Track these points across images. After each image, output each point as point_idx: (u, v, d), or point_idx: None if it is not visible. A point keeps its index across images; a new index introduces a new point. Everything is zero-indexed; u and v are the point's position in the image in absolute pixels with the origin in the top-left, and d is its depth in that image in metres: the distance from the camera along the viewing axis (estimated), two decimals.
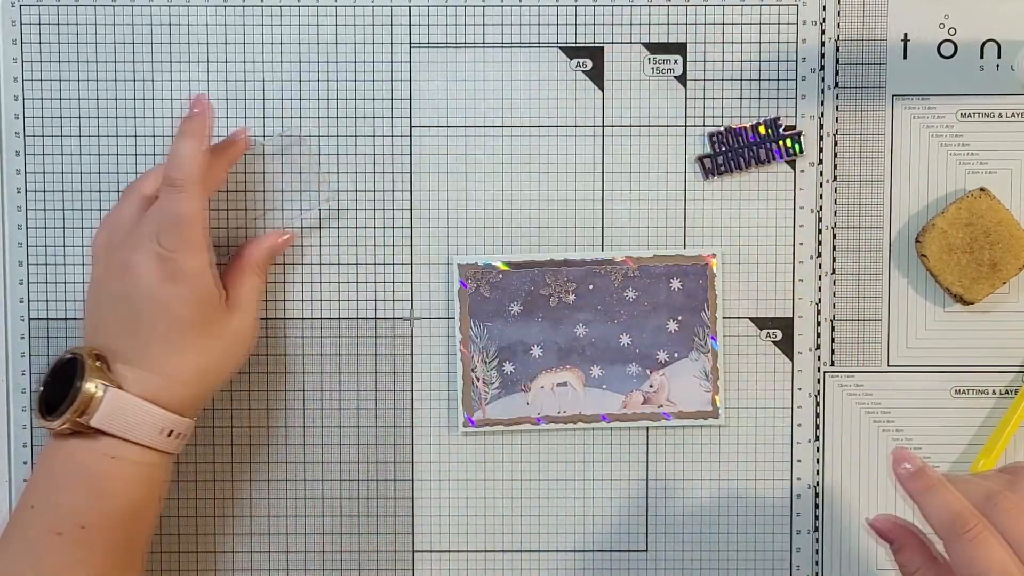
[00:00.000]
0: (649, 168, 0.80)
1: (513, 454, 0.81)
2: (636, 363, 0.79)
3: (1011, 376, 0.80)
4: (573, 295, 0.78)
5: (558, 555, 0.81)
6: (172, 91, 0.79)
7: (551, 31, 0.79)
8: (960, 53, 0.79)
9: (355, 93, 0.79)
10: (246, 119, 0.79)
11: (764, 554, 0.81)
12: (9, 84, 0.79)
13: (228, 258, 0.77)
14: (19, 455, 0.80)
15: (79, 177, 0.80)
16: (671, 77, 0.80)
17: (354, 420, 0.80)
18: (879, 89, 0.79)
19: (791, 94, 0.79)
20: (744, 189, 0.80)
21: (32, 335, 0.80)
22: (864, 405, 0.80)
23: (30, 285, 0.80)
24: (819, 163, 0.80)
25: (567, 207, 0.80)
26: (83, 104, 0.79)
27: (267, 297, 0.80)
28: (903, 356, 0.80)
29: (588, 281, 0.78)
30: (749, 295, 0.80)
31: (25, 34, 0.79)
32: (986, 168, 0.79)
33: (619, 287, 0.78)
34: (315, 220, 0.80)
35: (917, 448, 0.80)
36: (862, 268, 0.80)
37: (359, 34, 0.79)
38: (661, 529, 0.81)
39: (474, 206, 0.80)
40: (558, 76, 0.80)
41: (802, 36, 0.79)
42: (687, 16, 0.79)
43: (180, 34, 0.79)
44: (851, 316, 0.80)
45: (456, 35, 0.79)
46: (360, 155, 0.80)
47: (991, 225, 0.78)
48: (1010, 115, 0.79)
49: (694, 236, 0.80)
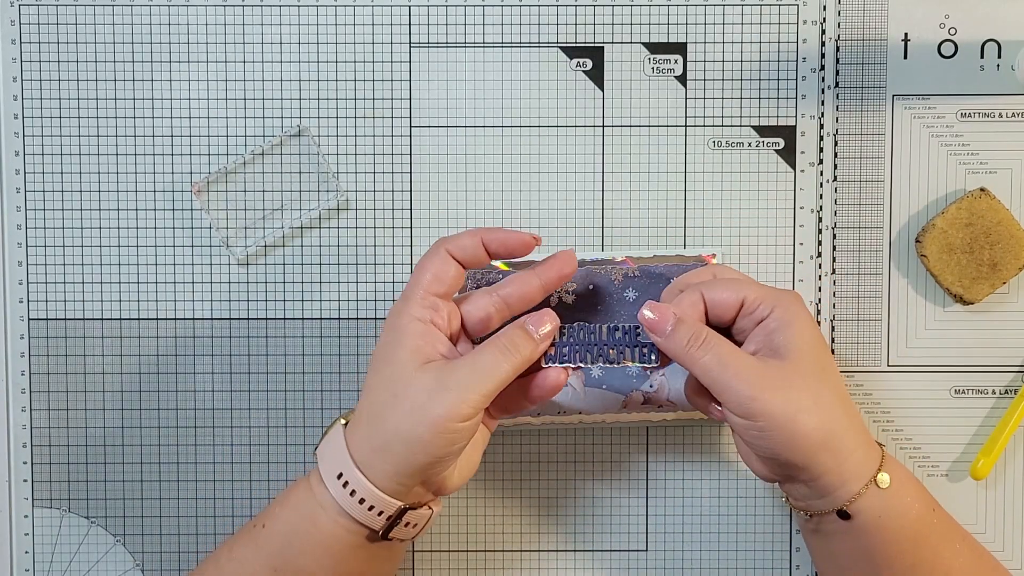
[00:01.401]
0: (649, 168, 0.80)
1: (513, 454, 0.81)
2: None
3: (1011, 376, 0.80)
4: (573, 295, 0.78)
5: (558, 555, 0.81)
6: (172, 91, 0.79)
7: (551, 31, 0.79)
8: (960, 53, 0.79)
9: (355, 93, 0.79)
10: (246, 119, 0.79)
11: (764, 554, 0.81)
12: (9, 84, 0.79)
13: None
14: (19, 455, 0.80)
15: (79, 177, 0.80)
16: (671, 77, 0.80)
17: None
18: (879, 89, 0.79)
19: (791, 94, 0.79)
20: (744, 189, 0.80)
21: (32, 335, 0.80)
22: (864, 405, 0.80)
23: (30, 285, 0.80)
24: (819, 163, 0.80)
25: (567, 207, 0.80)
26: (83, 104, 0.79)
27: (267, 297, 0.80)
28: (903, 356, 0.80)
29: (588, 281, 0.78)
30: None
31: (25, 34, 0.79)
32: (986, 168, 0.80)
33: (619, 287, 0.78)
34: (315, 220, 0.80)
35: (917, 448, 0.80)
36: (862, 268, 0.80)
37: (359, 34, 0.79)
38: (661, 529, 0.81)
39: (474, 206, 0.80)
40: (558, 76, 0.80)
41: (802, 36, 0.79)
42: (687, 16, 0.79)
43: (180, 34, 0.79)
44: (851, 316, 0.80)
45: (456, 35, 0.79)
46: (360, 155, 0.80)
47: (991, 225, 0.78)
48: (1010, 115, 0.79)
49: (694, 236, 0.80)
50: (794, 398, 0.65)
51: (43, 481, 0.80)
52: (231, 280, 0.80)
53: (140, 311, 0.80)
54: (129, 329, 0.80)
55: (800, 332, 0.67)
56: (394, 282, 0.80)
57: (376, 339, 0.80)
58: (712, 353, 0.66)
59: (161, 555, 0.81)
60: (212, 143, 0.79)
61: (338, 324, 0.80)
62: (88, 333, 0.80)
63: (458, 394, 0.64)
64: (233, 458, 0.81)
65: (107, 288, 0.80)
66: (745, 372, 0.65)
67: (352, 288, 0.80)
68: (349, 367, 0.80)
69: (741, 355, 0.66)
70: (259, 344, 0.80)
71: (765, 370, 0.66)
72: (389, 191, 0.80)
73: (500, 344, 0.66)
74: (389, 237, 0.80)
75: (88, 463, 0.80)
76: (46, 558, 0.81)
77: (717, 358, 0.66)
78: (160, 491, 0.81)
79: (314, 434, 0.80)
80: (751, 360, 0.66)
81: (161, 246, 0.80)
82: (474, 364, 0.66)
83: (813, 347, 0.67)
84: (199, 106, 0.79)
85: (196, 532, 0.81)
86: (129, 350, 0.80)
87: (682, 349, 0.66)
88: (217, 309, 0.80)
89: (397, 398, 0.65)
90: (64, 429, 0.80)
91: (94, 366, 0.80)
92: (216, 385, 0.80)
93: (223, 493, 0.81)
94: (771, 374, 0.65)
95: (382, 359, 0.67)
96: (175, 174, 0.80)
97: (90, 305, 0.80)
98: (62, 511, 0.81)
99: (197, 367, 0.80)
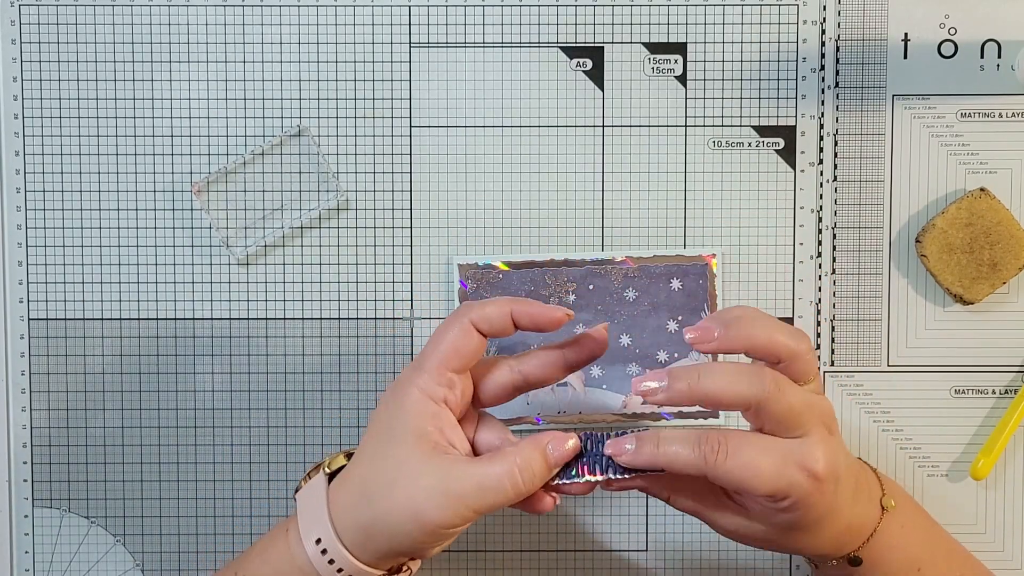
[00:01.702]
0: (649, 168, 0.80)
1: None
2: (636, 363, 0.79)
3: (1011, 376, 0.80)
4: (573, 295, 0.78)
5: (558, 555, 0.81)
6: (172, 91, 0.79)
7: (551, 31, 0.79)
8: (960, 53, 0.79)
9: (355, 93, 0.79)
10: (246, 119, 0.79)
11: (764, 554, 0.81)
12: (9, 84, 0.79)
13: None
14: (19, 455, 0.80)
15: (79, 177, 0.80)
16: (671, 77, 0.80)
17: (354, 420, 0.80)
18: (879, 89, 0.79)
19: (791, 94, 0.79)
20: (744, 189, 0.80)
21: (32, 335, 0.80)
22: (864, 405, 0.80)
23: (30, 285, 0.80)
24: (819, 163, 0.80)
25: (567, 207, 0.80)
26: (83, 104, 0.79)
27: (267, 297, 0.80)
28: (903, 356, 0.80)
29: (588, 281, 0.78)
30: (749, 295, 0.80)
31: (25, 34, 0.79)
32: (986, 168, 0.80)
33: (619, 287, 0.78)
34: (315, 220, 0.80)
35: (917, 448, 0.80)
36: (862, 268, 0.80)
37: (359, 34, 0.79)
38: (661, 529, 0.81)
39: (474, 206, 0.80)
40: (558, 76, 0.80)
41: (802, 36, 0.79)
42: (687, 16, 0.79)
43: (180, 34, 0.79)
44: (851, 316, 0.80)
45: (456, 35, 0.79)
46: (360, 155, 0.80)
47: (991, 225, 0.78)
48: (1010, 115, 0.79)
49: (694, 236, 0.80)
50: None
51: (43, 481, 0.80)
52: (231, 280, 0.80)
53: (140, 311, 0.80)
54: (129, 329, 0.80)
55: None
56: (394, 282, 0.80)
57: (375, 339, 0.80)
58: (732, 460, 0.61)
59: (161, 555, 0.81)
60: (212, 143, 0.79)
61: (338, 324, 0.80)
62: (88, 333, 0.80)
63: (456, 509, 0.62)
64: (233, 458, 0.81)
65: (107, 288, 0.80)
66: (767, 467, 0.61)
67: (352, 288, 0.80)
68: (349, 367, 0.80)
69: (757, 450, 0.62)
70: (259, 344, 0.80)
71: (781, 448, 0.62)
72: (389, 191, 0.80)
73: (513, 466, 0.62)
74: (389, 237, 0.80)
75: (88, 463, 0.80)
76: (46, 558, 0.81)
77: (739, 463, 0.61)
78: (160, 491, 0.81)
79: (314, 434, 0.80)
80: (766, 448, 0.62)
81: (161, 246, 0.80)
82: (481, 480, 0.62)
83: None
84: (199, 106, 0.79)
85: (196, 532, 0.81)
86: (129, 350, 0.80)
87: (703, 464, 0.62)
88: (217, 309, 0.80)
89: (394, 487, 0.62)
90: (64, 429, 0.80)
91: (94, 366, 0.80)
92: (216, 385, 0.80)
93: (223, 493, 0.81)
94: (783, 448, 0.62)
95: (385, 432, 0.64)
96: (175, 174, 0.80)
97: (90, 305, 0.80)
98: (62, 511, 0.81)
99: (197, 367, 0.80)
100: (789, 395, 0.61)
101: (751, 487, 0.61)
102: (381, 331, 0.80)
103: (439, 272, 0.80)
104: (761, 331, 0.62)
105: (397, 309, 0.80)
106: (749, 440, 0.62)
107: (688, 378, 0.61)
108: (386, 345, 0.80)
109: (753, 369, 0.61)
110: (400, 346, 0.80)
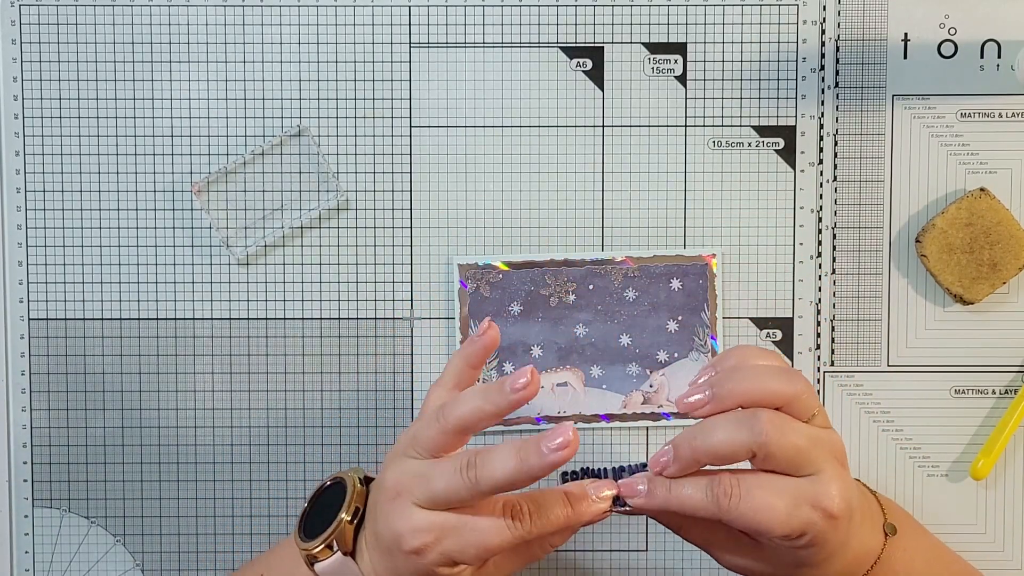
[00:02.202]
0: (649, 168, 0.80)
1: None
2: (636, 363, 0.79)
3: (1011, 376, 0.80)
4: (573, 295, 0.78)
5: (558, 555, 0.81)
6: (172, 91, 0.79)
7: (551, 31, 0.79)
8: (960, 53, 0.79)
9: (355, 93, 0.79)
10: (246, 119, 0.79)
11: None
12: (9, 84, 0.79)
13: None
14: (19, 455, 0.80)
15: (79, 177, 0.80)
16: (671, 77, 0.80)
17: (354, 420, 0.80)
18: (879, 89, 0.79)
19: (791, 94, 0.79)
20: (744, 189, 0.80)
21: (32, 335, 0.80)
22: (864, 405, 0.80)
23: (30, 285, 0.80)
24: (819, 163, 0.80)
25: (567, 207, 0.80)
26: (83, 104, 0.79)
27: (267, 297, 0.80)
28: (903, 356, 0.80)
29: (588, 281, 0.78)
30: (749, 295, 0.80)
31: (25, 34, 0.79)
32: (986, 168, 0.79)
33: (619, 287, 0.78)
34: (315, 220, 0.80)
35: (917, 448, 0.80)
36: (862, 268, 0.80)
37: (359, 34, 0.79)
38: (661, 529, 0.81)
39: (474, 206, 0.80)
40: (558, 76, 0.80)
41: (802, 36, 0.79)
42: (687, 16, 0.79)
43: (180, 34, 0.79)
44: (851, 316, 0.80)
45: (456, 35, 0.79)
46: (360, 155, 0.80)
47: (991, 225, 0.78)
48: (1010, 115, 0.79)
49: (694, 236, 0.80)
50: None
51: (43, 481, 0.80)
52: (231, 280, 0.80)
53: (140, 311, 0.80)
54: (129, 329, 0.80)
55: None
56: (394, 282, 0.80)
57: (375, 339, 0.80)
58: (745, 503, 0.61)
59: (161, 555, 0.81)
60: (212, 143, 0.79)
61: (338, 324, 0.80)
62: (88, 333, 0.80)
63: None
64: (233, 458, 0.81)
65: (107, 288, 0.80)
66: (781, 508, 0.61)
67: (352, 288, 0.80)
68: (349, 367, 0.80)
69: (771, 492, 0.61)
70: (259, 344, 0.80)
71: (794, 488, 0.62)
72: (389, 191, 0.80)
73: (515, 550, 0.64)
74: (389, 237, 0.80)
75: (88, 463, 0.80)
76: (46, 558, 0.81)
77: (752, 505, 0.61)
78: (160, 491, 0.81)
79: (314, 434, 0.80)
80: (780, 489, 0.62)
81: (161, 246, 0.80)
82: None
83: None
84: (199, 106, 0.79)
85: (196, 532, 0.81)
86: (129, 350, 0.80)
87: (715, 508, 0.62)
88: (217, 309, 0.80)
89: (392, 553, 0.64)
90: (64, 429, 0.80)
91: (94, 366, 0.80)
92: (216, 385, 0.80)
93: (223, 493, 0.81)
94: (797, 488, 0.62)
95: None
96: (175, 174, 0.80)
97: (90, 305, 0.80)
98: (62, 511, 0.81)
99: (197, 367, 0.80)
100: (791, 435, 0.61)
101: (766, 529, 0.61)
102: (381, 331, 0.80)
103: (439, 272, 0.80)
104: (752, 384, 0.62)
105: (397, 309, 0.80)
106: (761, 482, 0.61)
107: (688, 442, 0.61)
108: (386, 345, 0.80)
109: (748, 415, 0.61)
110: (400, 346, 0.80)
